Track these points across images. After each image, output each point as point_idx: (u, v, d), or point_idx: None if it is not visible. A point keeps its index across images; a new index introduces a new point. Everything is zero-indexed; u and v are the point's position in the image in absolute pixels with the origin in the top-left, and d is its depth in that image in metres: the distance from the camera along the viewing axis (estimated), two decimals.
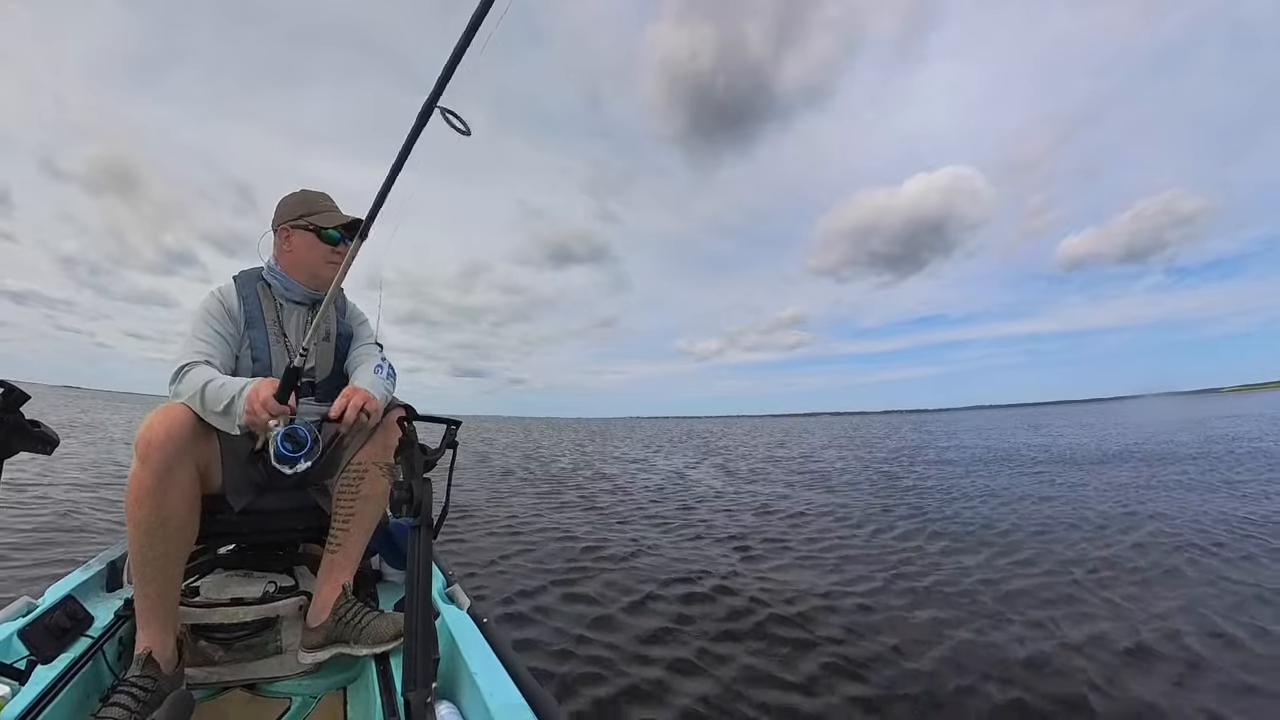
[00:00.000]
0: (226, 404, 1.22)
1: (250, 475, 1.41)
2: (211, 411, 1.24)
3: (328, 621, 1.33)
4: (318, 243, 1.51)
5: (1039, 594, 3.19)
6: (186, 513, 1.21)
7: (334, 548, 1.37)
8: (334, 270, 1.47)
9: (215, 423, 1.26)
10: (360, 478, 1.37)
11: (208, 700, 1.31)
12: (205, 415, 1.25)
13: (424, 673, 0.98)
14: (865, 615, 2.87)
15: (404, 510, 1.04)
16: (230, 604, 1.34)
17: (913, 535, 4.79)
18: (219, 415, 1.24)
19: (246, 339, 1.48)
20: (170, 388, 1.30)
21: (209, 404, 1.24)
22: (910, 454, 13.91)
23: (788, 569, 3.80)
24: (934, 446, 16.28)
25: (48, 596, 1.36)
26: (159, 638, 1.18)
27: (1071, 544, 4.31)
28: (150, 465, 1.14)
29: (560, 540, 4.58)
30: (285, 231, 1.53)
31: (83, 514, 4.69)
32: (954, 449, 14.94)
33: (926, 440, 19.95)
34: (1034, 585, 3.34)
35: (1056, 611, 2.89)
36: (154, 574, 1.17)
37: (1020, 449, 14.11)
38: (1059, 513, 5.61)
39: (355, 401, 1.26)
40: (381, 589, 1.73)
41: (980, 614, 2.87)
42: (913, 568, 3.77)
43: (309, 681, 1.38)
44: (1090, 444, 14.71)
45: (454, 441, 1.20)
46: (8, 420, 0.89)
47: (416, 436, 1.13)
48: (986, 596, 3.15)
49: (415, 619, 0.99)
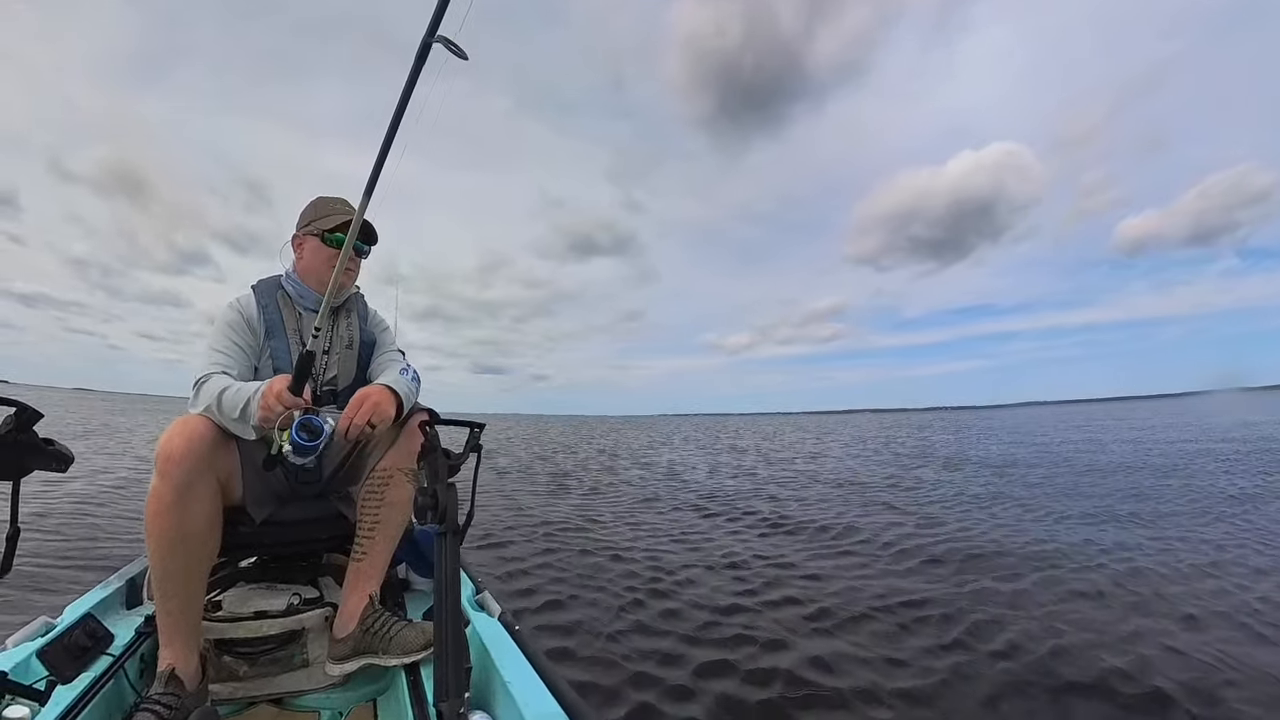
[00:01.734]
0: (242, 407, 1.21)
1: (271, 486, 1.39)
2: (229, 418, 1.23)
3: (355, 632, 1.30)
4: (322, 247, 1.51)
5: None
6: (208, 526, 1.19)
7: (359, 556, 1.34)
8: (341, 275, 1.51)
9: (233, 429, 1.25)
10: (385, 484, 1.34)
11: (234, 716, 1.29)
12: (223, 422, 1.24)
13: (456, 682, 0.95)
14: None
15: (429, 517, 1.02)
16: (254, 618, 1.31)
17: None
18: (236, 421, 1.23)
19: (268, 349, 1.47)
20: (190, 400, 1.30)
21: (225, 410, 1.23)
22: (993, 460, 11.37)
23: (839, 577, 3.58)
24: (1009, 451, 13.43)
25: (66, 615, 1.34)
26: (182, 654, 1.17)
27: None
28: (170, 480, 1.12)
29: (592, 547, 4.42)
30: (299, 239, 1.55)
31: (100, 530, 4.70)
32: (1043, 458, 11.51)
33: (1003, 445, 15.63)
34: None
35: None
36: (176, 589, 1.16)
37: (1103, 451, 12.13)
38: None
39: (365, 410, 1.25)
40: (409, 598, 1.71)
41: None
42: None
43: (338, 694, 1.35)
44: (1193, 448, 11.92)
45: (478, 445, 1.17)
46: (22, 440, 0.87)
47: (440, 441, 1.10)
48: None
49: (445, 628, 0.97)
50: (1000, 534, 4.79)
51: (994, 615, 2.86)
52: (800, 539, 4.80)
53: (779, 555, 4.20)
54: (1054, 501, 6.39)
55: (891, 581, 3.50)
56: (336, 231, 1.49)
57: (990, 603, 3.06)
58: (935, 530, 4.97)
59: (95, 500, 6.08)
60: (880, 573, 3.73)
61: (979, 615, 2.86)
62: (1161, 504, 6.07)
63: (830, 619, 2.86)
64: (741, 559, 4.08)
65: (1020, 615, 2.88)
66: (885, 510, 6.08)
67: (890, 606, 3.02)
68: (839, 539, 4.77)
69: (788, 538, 4.85)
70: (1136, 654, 2.41)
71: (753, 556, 4.13)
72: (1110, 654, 2.42)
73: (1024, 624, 2.75)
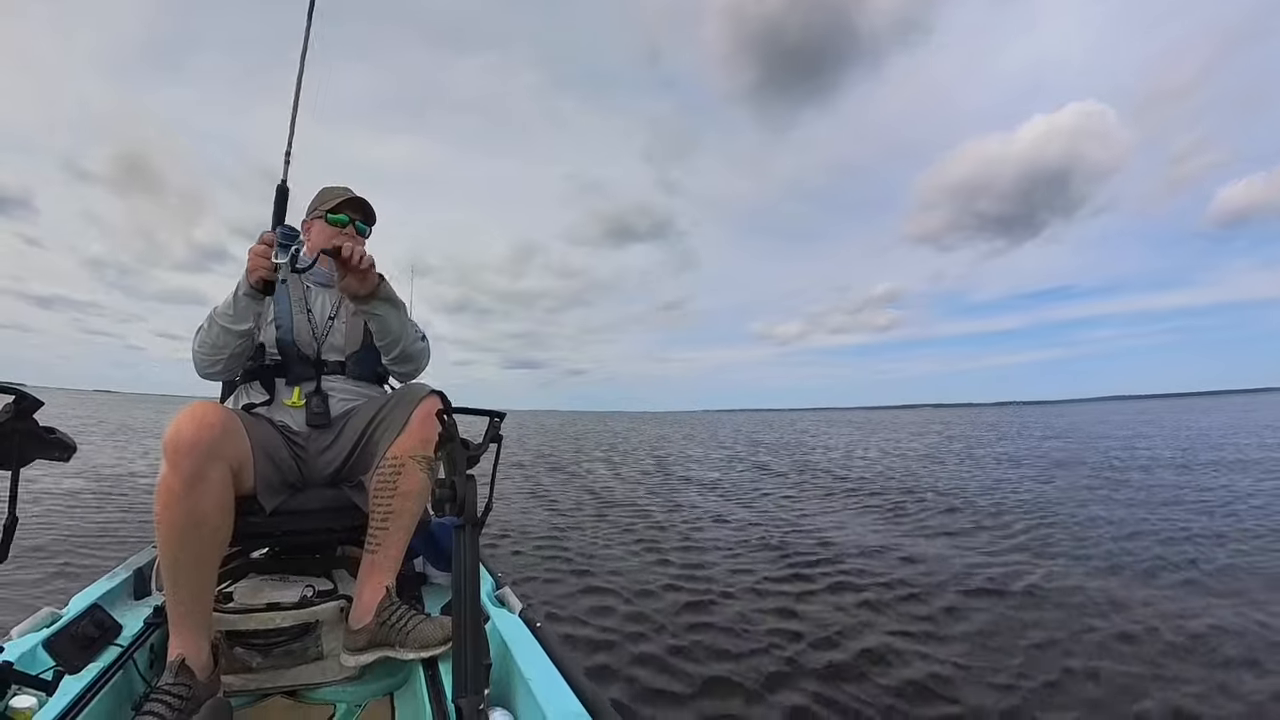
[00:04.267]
0: (232, 293, 1.32)
1: (283, 474, 1.35)
2: (224, 314, 1.34)
3: (371, 624, 1.27)
4: (325, 226, 1.62)
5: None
6: (219, 516, 1.16)
7: (374, 547, 1.31)
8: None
9: (233, 325, 1.34)
10: (397, 472, 1.30)
11: (246, 707, 1.27)
12: (225, 328, 1.35)
13: (475, 678, 0.93)
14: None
15: (447, 509, 0.98)
16: (266, 609, 1.28)
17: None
18: (232, 315, 1.33)
19: (271, 310, 1.54)
20: (192, 349, 1.43)
21: (221, 313, 1.34)
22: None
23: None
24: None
25: (72, 606, 1.31)
26: (193, 644, 1.14)
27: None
28: (179, 470, 1.09)
29: (634, 548, 4.23)
30: (307, 224, 1.68)
31: (106, 519, 4.69)
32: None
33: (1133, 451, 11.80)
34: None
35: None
36: (186, 579, 1.13)
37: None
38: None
39: (360, 248, 1.36)
40: (426, 592, 1.68)
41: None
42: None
43: (354, 688, 1.33)
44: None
45: (498, 435, 1.13)
46: (21, 428, 0.83)
47: (457, 430, 1.06)
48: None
49: (464, 622, 0.94)
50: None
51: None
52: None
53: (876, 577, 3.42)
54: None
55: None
56: (337, 211, 1.62)
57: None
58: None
59: (97, 491, 6.05)
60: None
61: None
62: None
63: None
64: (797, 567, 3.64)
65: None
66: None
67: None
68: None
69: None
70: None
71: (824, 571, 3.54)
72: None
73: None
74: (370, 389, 1.64)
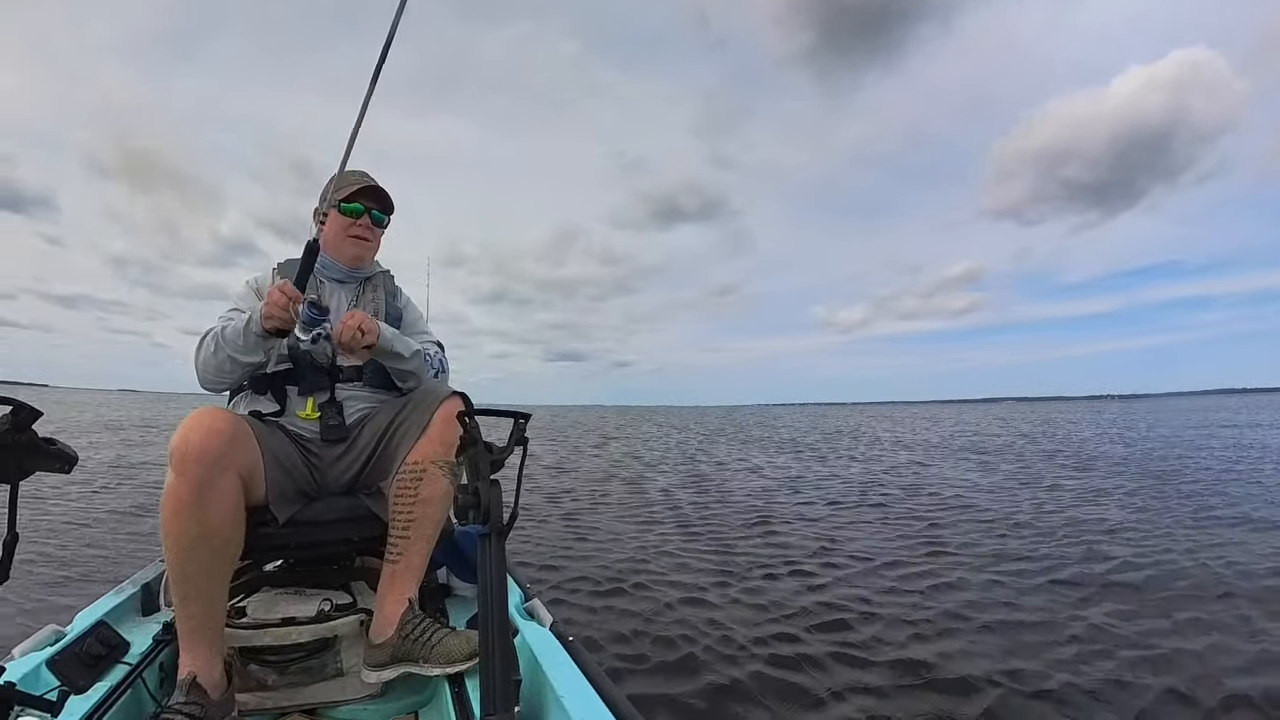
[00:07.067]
0: (245, 322, 1.25)
1: (297, 483, 1.30)
2: (233, 343, 1.27)
3: (393, 638, 1.21)
4: (339, 216, 1.53)
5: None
6: (230, 526, 1.11)
7: (394, 557, 1.25)
8: (354, 244, 1.53)
9: (242, 356, 1.28)
10: (418, 479, 1.24)
11: None
12: (233, 358, 1.29)
13: (505, 695, 0.87)
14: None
15: (471, 516, 0.92)
16: (281, 624, 1.23)
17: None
18: (241, 347, 1.27)
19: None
20: (196, 362, 1.36)
21: (229, 340, 1.28)
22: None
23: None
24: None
25: (77, 623, 1.27)
26: (205, 661, 1.09)
27: None
28: (187, 479, 1.04)
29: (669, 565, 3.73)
30: (321, 215, 1.57)
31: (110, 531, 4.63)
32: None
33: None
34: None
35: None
36: (196, 592, 1.08)
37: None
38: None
39: (351, 322, 1.28)
40: (451, 604, 1.62)
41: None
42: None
43: (376, 705, 1.27)
44: None
45: (524, 438, 1.07)
46: (20, 440, 0.78)
47: (480, 433, 1.01)
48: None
49: (491, 636, 0.88)
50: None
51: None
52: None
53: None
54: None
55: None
56: (351, 200, 1.52)
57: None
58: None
59: (101, 502, 5.91)
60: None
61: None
62: None
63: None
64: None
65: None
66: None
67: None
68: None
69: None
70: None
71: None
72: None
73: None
74: (389, 395, 1.54)
